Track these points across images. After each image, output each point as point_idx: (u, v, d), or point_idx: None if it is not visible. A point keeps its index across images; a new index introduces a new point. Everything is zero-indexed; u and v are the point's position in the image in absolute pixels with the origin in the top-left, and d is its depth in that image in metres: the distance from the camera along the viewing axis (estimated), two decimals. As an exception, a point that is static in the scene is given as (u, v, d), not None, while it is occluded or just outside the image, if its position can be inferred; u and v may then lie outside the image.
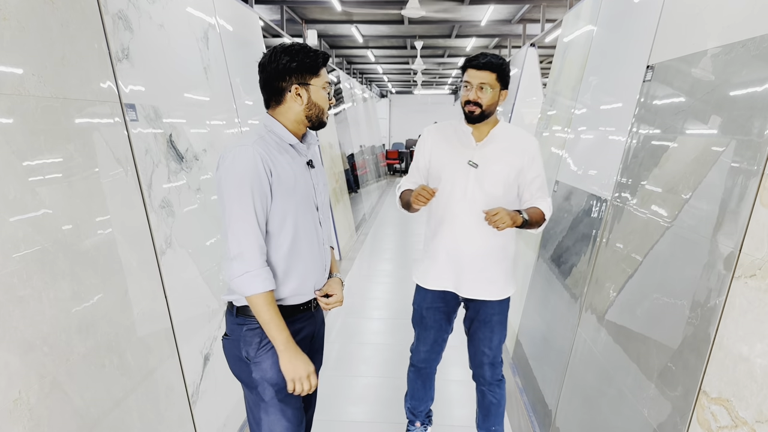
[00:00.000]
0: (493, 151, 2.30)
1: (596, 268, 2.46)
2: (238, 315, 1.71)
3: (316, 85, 1.72)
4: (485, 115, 2.26)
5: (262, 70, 1.74)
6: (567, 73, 3.93)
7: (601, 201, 2.56)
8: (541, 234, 3.60)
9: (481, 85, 2.22)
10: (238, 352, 1.71)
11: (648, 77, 2.32)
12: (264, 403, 1.72)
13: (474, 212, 2.25)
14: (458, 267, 2.33)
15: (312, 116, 1.76)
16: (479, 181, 2.27)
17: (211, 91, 3.23)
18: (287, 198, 1.67)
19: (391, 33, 9.95)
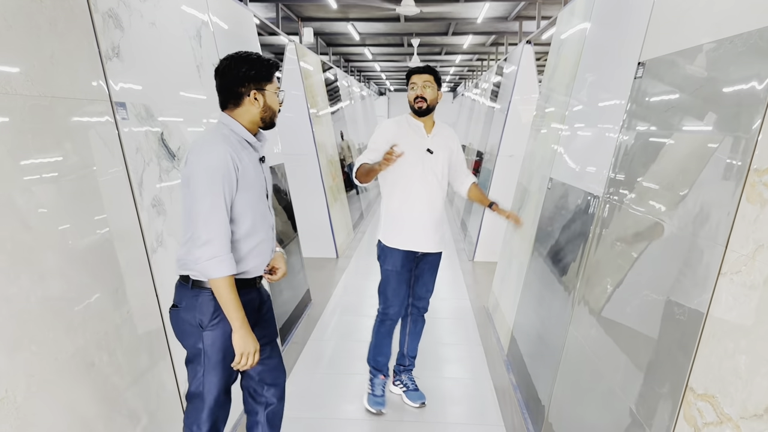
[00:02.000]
0: (439, 140, 3.01)
1: (588, 264, 2.46)
2: (193, 287, 1.89)
3: (270, 91, 1.96)
4: (430, 108, 2.95)
5: (220, 76, 1.95)
6: (561, 70, 3.93)
7: (593, 198, 2.56)
8: (535, 231, 3.60)
9: (425, 84, 2.91)
10: (190, 320, 1.88)
11: (639, 74, 2.32)
12: (210, 365, 1.90)
13: (429, 188, 2.96)
14: (420, 230, 2.98)
15: (266, 118, 1.98)
16: (432, 163, 2.96)
17: (205, 90, 3.23)
18: (247, 190, 1.88)
19: (388, 30, 9.94)
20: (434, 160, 2.95)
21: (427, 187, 2.95)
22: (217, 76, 1.96)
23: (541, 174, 3.84)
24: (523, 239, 3.97)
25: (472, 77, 19.15)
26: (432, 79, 2.93)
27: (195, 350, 1.91)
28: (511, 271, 4.23)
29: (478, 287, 5.69)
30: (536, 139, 4.31)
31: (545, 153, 3.85)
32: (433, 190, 2.96)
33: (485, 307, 4.95)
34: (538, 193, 3.79)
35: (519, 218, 3.02)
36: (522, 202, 4.32)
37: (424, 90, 2.91)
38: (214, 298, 1.84)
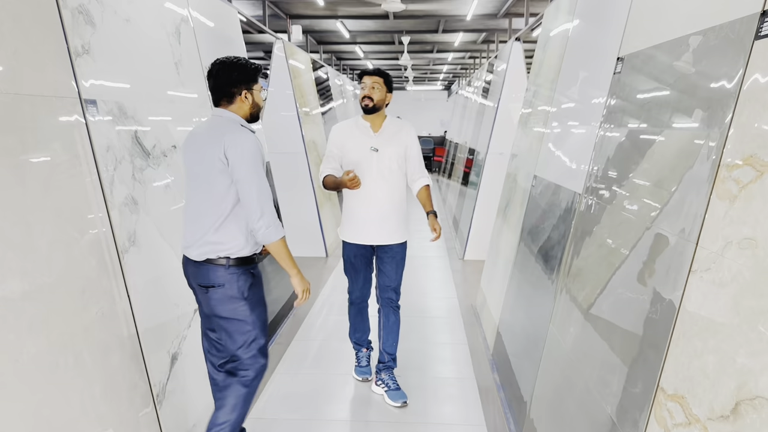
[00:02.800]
0: (387, 137, 3.18)
1: (568, 262, 2.44)
2: (231, 266, 2.26)
3: (257, 90, 2.36)
4: (377, 108, 3.16)
5: (213, 78, 2.32)
6: (547, 67, 3.90)
7: (573, 195, 2.53)
8: (521, 228, 3.58)
9: (373, 85, 3.13)
10: (234, 294, 2.26)
11: (618, 69, 2.30)
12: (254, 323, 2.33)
13: (378, 184, 3.13)
14: (372, 225, 3.16)
15: (254, 113, 2.39)
16: (381, 160, 3.13)
17: (184, 87, 3.19)
18: None
19: (378, 28, 9.90)
20: (380, 157, 3.13)
21: (375, 183, 3.12)
22: (210, 78, 2.32)
23: (526, 171, 3.81)
24: (510, 237, 3.94)
25: (465, 75, 19.11)
26: (381, 82, 3.15)
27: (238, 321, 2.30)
28: (497, 268, 4.20)
29: (466, 286, 5.67)
30: (523, 136, 4.29)
31: (531, 150, 3.83)
32: (380, 186, 3.13)
33: (473, 305, 4.93)
34: (524, 191, 3.76)
35: (437, 236, 3.16)
36: (509, 200, 4.30)
37: (372, 91, 3.13)
38: (251, 273, 2.31)
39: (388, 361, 3.37)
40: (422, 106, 24.50)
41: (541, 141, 3.54)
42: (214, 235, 2.23)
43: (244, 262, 2.28)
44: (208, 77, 2.32)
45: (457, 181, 9.95)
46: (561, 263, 2.51)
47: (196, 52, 3.50)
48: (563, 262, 2.48)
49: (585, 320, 2.10)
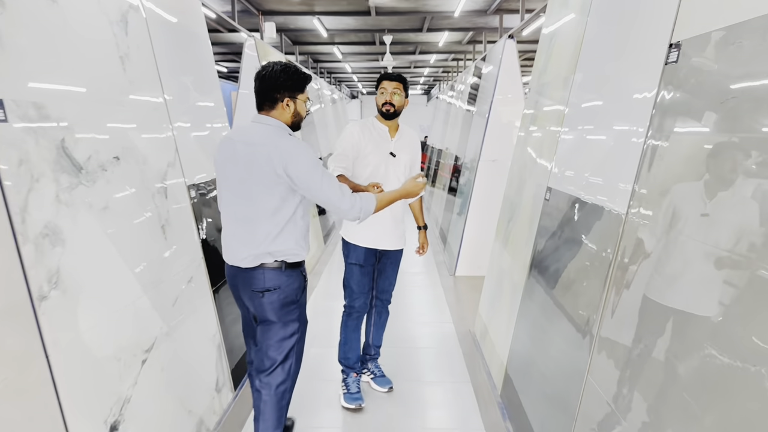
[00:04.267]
0: (402, 144, 3.29)
1: (611, 300, 2.00)
2: (286, 269, 2.39)
3: (301, 100, 2.42)
4: (396, 113, 3.23)
5: (260, 80, 2.38)
6: (555, 64, 3.49)
7: (612, 215, 2.10)
8: (531, 249, 3.14)
9: (394, 91, 3.19)
10: (291, 296, 2.40)
11: (672, 58, 1.87)
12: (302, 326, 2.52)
13: (391, 189, 3.04)
14: (385, 230, 3.26)
15: (296, 122, 2.45)
16: (395, 166, 3.23)
17: (131, 86, 2.71)
18: None
19: (358, 26, 9.46)
20: (396, 163, 3.21)
21: (389, 188, 3.08)
22: (257, 80, 2.38)
23: (535, 183, 3.38)
24: (516, 258, 3.51)
25: (447, 78, 18.81)
26: (401, 87, 3.20)
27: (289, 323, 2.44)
28: (501, 294, 3.77)
29: (461, 307, 5.23)
30: (526, 143, 3.87)
31: (540, 157, 3.40)
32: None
33: (471, 332, 4.49)
34: (533, 205, 3.33)
35: (424, 252, 3.50)
36: (511, 214, 3.87)
37: (393, 96, 3.18)
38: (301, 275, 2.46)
39: (374, 353, 3.63)
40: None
41: (553, 146, 3.11)
42: (270, 246, 2.33)
43: (296, 265, 2.42)
44: (255, 79, 2.38)
45: (442, 188, 9.56)
46: (601, 301, 2.07)
47: (148, 47, 3.02)
48: (603, 300, 2.04)
49: (649, 381, 1.66)
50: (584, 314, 2.20)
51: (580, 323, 2.24)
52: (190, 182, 3.26)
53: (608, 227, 2.12)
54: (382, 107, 3.21)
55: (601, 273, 2.10)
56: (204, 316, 3.10)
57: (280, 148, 2.25)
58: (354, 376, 3.43)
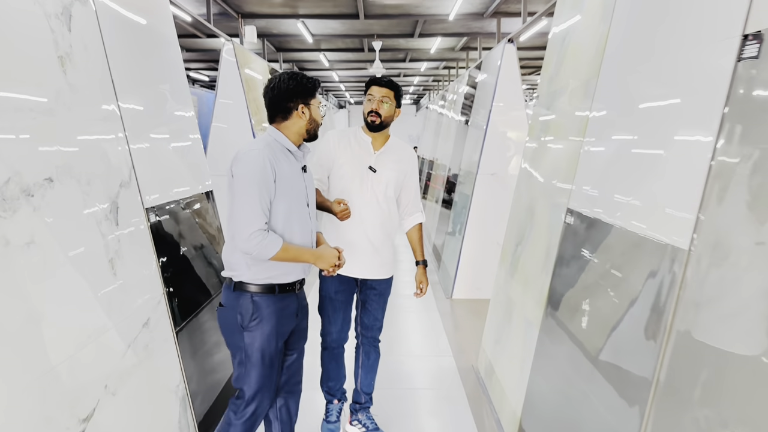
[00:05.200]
0: (387, 159, 2.92)
1: (668, 356, 1.59)
2: (235, 289, 2.24)
3: (314, 105, 2.34)
4: (383, 125, 2.87)
5: (270, 92, 2.32)
6: (571, 65, 3.12)
7: (667, 249, 1.70)
8: (549, 281, 2.74)
9: (382, 99, 2.84)
10: (233, 320, 2.24)
11: (750, 53, 1.48)
12: (250, 363, 2.25)
13: (371, 209, 2.87)
14: (359, 256, 2.87)
15: (311, 130, 2.35)
16: (374, 183, 2.87)
17: (73, 92, 2.29)
18: (286, 195, 2.22)
19: (346, 31, 9.08)
20: (376, 179, 2.88)
21: (366, 207, 2.87)
22: (267, 94, 2.33)
23: (550, 203, 2.99)
24: (528, 288, 3.11)
25: (437, 88, 18.53)
26: (392, 95, 2.87)
27: (237, 348, 2.26)
28: (510, 327, 3.36)
29: (461, 336, 4.82)
30: (536, 156, 3.49)
31: (556, 171, 3.01)
32: (373, 211, 2.88)
33: (474, 368, 4.07)
34: (549, 229, 2.94)
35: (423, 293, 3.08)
36: (520, 237, 3.47)
37: (381, 105, 2.84)
38: (253, 301, 2.22)
39: (365, 401, 3.20)
40: (390, 121, 23.92)
41: (574, 160, 2.72)
42: (226, 252, 2.28)
43: (245, 287, 2.25)
44: (265, 94, 2.33)
45: (434, 201, 9.20)
46: (654, 360, 1.66)
47: (99, 46, 2.60)
48: (659, 361, 1.63)
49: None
50: (631, 373, 1.79)
51: (625, 384, 1.83)
52: (151, 204, 2.84)
53: (663, 264, 1.71)
54: (367, 116, 2.87)
55: (656, 323, 1.69)
56: (164, 365, 2.67)
57: (242, 148, 2.21)
58: (336, 403, 3.19)
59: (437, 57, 12.74)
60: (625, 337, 1.88)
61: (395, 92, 2.88)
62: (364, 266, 2.93)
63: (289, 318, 2.35)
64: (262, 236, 2.13)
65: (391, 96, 2.86)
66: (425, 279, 3.07)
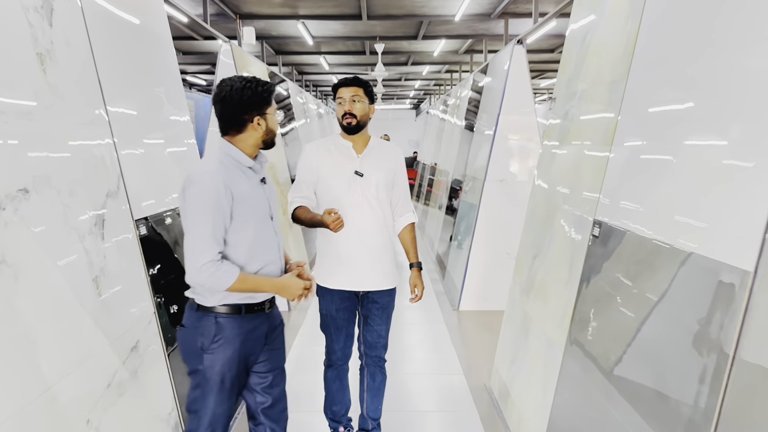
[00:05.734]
0: (373, 160, 2.81)
1: (732, 397, 1.40)
2: (198, 310, 2.09)
3: (271, 114, 2.17)
4: (360, 125, 2.77)
5: (221, 103, 2.10)
6: (593, 66, 2.93)
7: (728, 271, 1.50)
8: (574, 301, 2.54)
9: (353, 98, 2.73)
10: (193, 341, 2.07)
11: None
12: (208, 387, 2.07)
13: (364, 215, 2.75)
14: (358, 267, 2.77)
15: (268, 140, 2.21)
16: (366, 187, 2.76)
17: (51, 92, 2.10)
18: (247, 215, 2.08)
19: (347, 32, 8.89)
20: (365, 184, 2.77)
21: (362, 215, 2.76)
22: (218, 104, 2.11)
23: (572, 212, 2.80)
24: (549, 305, 2.91)
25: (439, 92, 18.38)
26: (362, 92, 2.76)
27: (195, 370, 2.08)
28: (527, 347, 3.16)
29: (471, 352, 4.62)
30: (553, 162, 3.29)
31: (577, 182, 2.82)
32: (367, 218, 2.77)
33: (487, 387, 3.87)
34: (571, 242, 2.74)
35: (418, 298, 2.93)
36: (537, 249, 3.28)
37: (353, 105, 2.74)
38: (216, 322, 2.06)
39: (373, 428, 3.03)
40: (389, 126, 23.87)
41: (600, 167, 2.53)
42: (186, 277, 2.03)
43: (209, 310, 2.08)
44: (214, 103, 2.13)
45: (437, 208, 9.02)
46: (712, 399, 1.46)
47: (84, 44, 2.42)
48: (721, 404, 1.43)
49: None
50: (683, 404, 1.59)
51: (676, 418, 1.62)
52: (141, 215, 2.64)
53: (722, 287, 1.51)
54: (342, 120, 2.76)
55: (715, 352, 1.49)
56: (155, 391, 2.47)
57: (193, 169, 2.07)
58: (341, 431, 3.03)
59: (440, 60, 12.57)
60: (674, 366, 1.68)
61: (364, 89, 2.77)
62: (365, 277, 2.79)
63: (257, 341, 2.18)
64: (215, 267, 1.95)
65: (361, 93, 2.75)
66: (420, 282, 2.91)
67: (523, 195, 5.83)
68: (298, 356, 4.52)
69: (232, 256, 2.04)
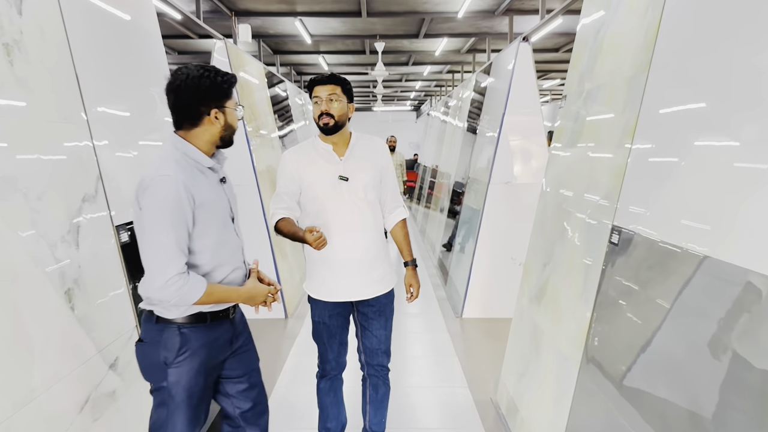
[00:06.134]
0: (357, 160, 2.66)
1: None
2: (158, 322, 1.91)
3: (230, 108, 1.98)
4: (338, 125, 2.60)
5: (175, 93, 1.90)
6: (609, 61, 2.76)
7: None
8: (590, 315, 2.37)
9: (330, 97, 2.57)
10: (154, 356, 1.90)
11: None
12: (174, 404, 1.90)
13: (353, 221, 2.61)
14: (350, 275, 2.64)
15: (226, 137, 2.01)
16: (352, 191, 2.62)
17: (21, 88, 1.93)
18: (209, 219, 1.91)
19: (347, 30, 8.72)
20: (352, 188, 2.64)
21: (350, 222, 2.63)
22: (171, 93, 1.92)
23: (587, 217, 2.62)
24: (561, 317, 2.74)
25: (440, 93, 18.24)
26: (339, 90, 2.61)
27: (159, 387, 1.92)
28: (538, 361, 2.98)
29: (475, 363, 4.44)
30: (565, 164, 3.12)
31: (592, 185, 2.64)
32: (356, 223, 2.64)
33: (494, 402, 3.69)
34: (586, 250, 2.57)
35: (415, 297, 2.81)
36: (548, 256, 3.10)
37: (330, 104, 2.58)
38: (180, 333, 1.90)
39: None
40: (390, 128, 23.76)
41: (618, 169, 2.36)
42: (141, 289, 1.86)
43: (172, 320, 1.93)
44: (168, 92, 1.91)
45: (438, 210, 8.84)
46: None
47: (60, 35, 2.25)
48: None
49: None
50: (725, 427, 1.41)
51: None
52: (123, 221, 2.46)
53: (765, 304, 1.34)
54: (318, 120, 2.60)
55: (756, 384, 1.31)
56: (136, 414, 2.29)
57: (148, 172, 1.84)
58: None
59: (442, 60, 12.40)
60: (706, 388, 1.50)
61: (342, 86, 2.61)
62: (360, 285, 2.67)
63: (222, 348, 2.04)
64: (182, 281, 1.78)
65: (338, 91, 2.60)
66: (416, 281, 2.80)
67: (528, 197, 5.68)
68: (295, 366, 4.35)
69: (196, 265, 1.90)
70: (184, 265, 1.81)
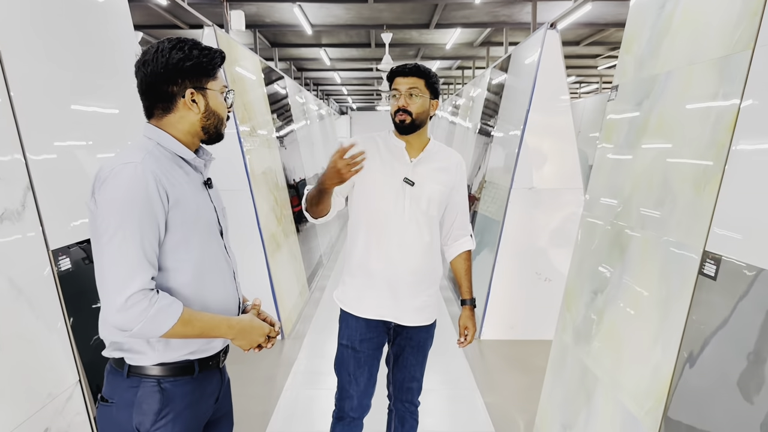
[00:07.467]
0: (428, 169, 2.46)
1: None
2: (130, 375, 1.54)
3: (213, 90, 1.62)
4: (416, 124, 2.41)
5: (142, 70, 1.56)
6: (683, 40, 2.28)
7: None
8: (673, 360, 1.87)
9: (410, 92, 2.38)
10: (124, 423, 1.52)
11: None
12: None
13: (409, 234, 2.41)
14: (396, 292, 2.42)
15: (209, 127, 1.65)
16: (415, 200, 2.42)
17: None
18: (188, 226, 1.56)
19: (351, 19, 8.22)
20: (415, 195, 2.41)
21: (405, 230, 2.41)
22: (139, 72, 1.57)
23: (663, 242, 2.12)
24: (626, 363, 2.24)
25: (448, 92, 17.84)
26: (422, 84, 2.39)
27: None
28: (590, 415, 2.49)
29: (500, 398, 3.97)
30: (623, 169, 2.62)
31: (667, 197, 2.15)
32: (412, 236, 2.41)
33: None
34: (664, 280, 2.07)
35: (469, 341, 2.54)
36: (602, 284, 2.59)
37: (410, 99, 2.38)
38: (162, 389, 1.54)
39: None
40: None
41: (711, 177, 1.87)
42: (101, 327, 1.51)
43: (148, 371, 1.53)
44: (135, 73, 1.56)
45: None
46: None
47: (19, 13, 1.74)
48: None
49: None
50: None
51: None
52: (63, 243, 1.96)
53: None
54: (394, 116, 2.41)
55: None
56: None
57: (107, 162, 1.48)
58: None
59: (452, 54, 11.92)
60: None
61: (426, 80, 2.39)
62: (402, 308, 2.42)
63: (208, 404, 1.68)
64: (147, 301, 1.40)
65: (421, 85, 2.38)
66: (472, 324, 2.56)
67: (555, 204, 5.23)
68: (291, 403, 3.85)
69: (170, 288, 1.52)
70: (151, 280, 1.44)
